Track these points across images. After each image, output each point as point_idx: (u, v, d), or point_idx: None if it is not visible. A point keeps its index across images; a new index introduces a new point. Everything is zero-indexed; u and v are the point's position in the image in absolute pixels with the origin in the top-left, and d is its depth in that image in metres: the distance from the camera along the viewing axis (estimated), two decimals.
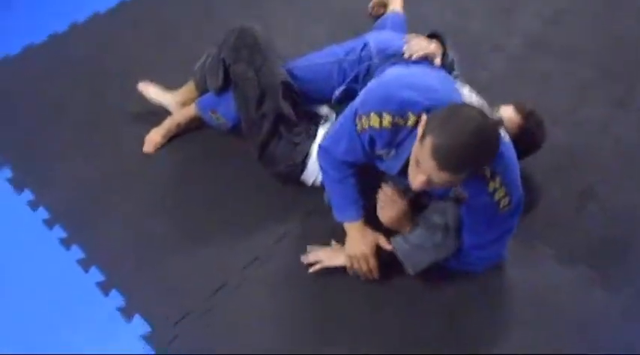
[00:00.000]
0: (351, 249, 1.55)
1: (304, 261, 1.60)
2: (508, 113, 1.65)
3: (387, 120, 1.37)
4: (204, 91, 1.96)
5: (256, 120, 1.75)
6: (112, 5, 2.71)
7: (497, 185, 1.33)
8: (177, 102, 2.02)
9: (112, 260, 1.68)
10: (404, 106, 1.35)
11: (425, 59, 1.66)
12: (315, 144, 1.73)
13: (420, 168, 1.26)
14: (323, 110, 1.86)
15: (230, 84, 1.81)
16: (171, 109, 2.03)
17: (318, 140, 1.74)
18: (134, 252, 1.70)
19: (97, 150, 2.01)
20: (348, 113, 1.50)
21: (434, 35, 1.77)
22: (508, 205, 1.36)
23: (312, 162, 1.74)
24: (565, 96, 2.13)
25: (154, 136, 1.98)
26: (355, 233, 1.56)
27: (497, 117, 1.39)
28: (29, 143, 2.05)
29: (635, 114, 2.05)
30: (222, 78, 1.80)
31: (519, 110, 1.66)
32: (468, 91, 1.51)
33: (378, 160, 1.50)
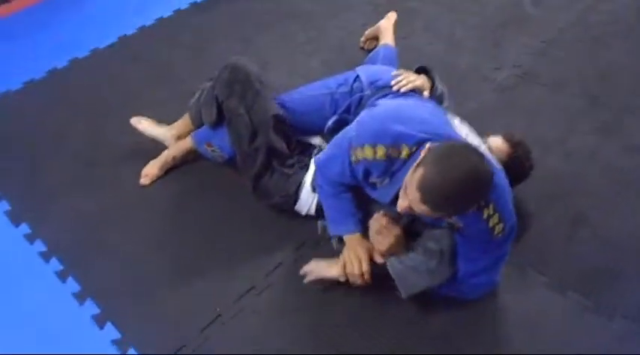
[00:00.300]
0: (347, 251, 1.57)
1: (301, 272, 1.61)
2: (497, 142, 1.69)
3: (380, 152, 1.40)
4: (199, 125, 2.00)
5: (250, 154, 1.78)
6: (111, 41, 2.78)
7: (491, 212, 1.36)
8: (172, 135, 2.05)
9: (107, 293, 1.69)
10: (397, 140, 1.39)
11: (413, 92, 1.71)
12: (309, 175, 1.77)
13: (406, 194, 1.28)
14: (315, 140, 1.90)
15: (224, 119, 1.85)
16: (167, 143, 2.06)
17: (311, 171, 1.77)
18: (129, 284, 1.71)
19: (94, 184, 2.03)
20: (342, 142, 1.53)
21: (422, 69, 1.83)
22: (502, 231, 1.38)
23: (305, 193, 1.76)
24: (554, 126, 2.18)
25: (150, 169, 2.01)
26: (353, 241, 1.58)
27: (488, 159, 1.39)
28: (27, 176, 2.08)
29: (623, 140, 2.09)
30: (215, 113, 1.85)
31: (508, 140, 1.70)
32: (458, 122, 1.55)
33: (370, 188, 1.53)
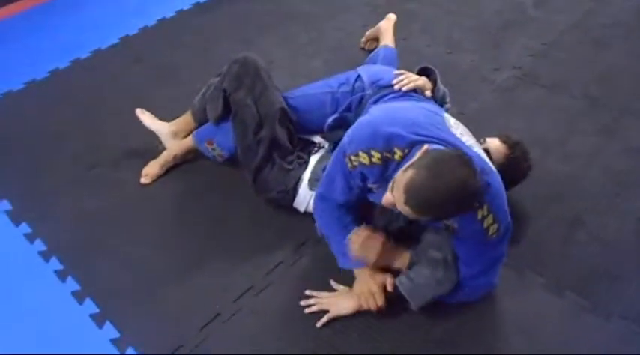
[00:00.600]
0: (360, 287, 1.56)
1: (307, 310, 1.58)
2: (495, 144, 1.69)
3: (376, 157, 1.41)
4: (201, 122, 2.02)
5: (252, 146, 1.80)
6: (113, 42, 2.80)
7: (485, 212, 1.36)
8: (170, 132, 2.05)
9: (107, 292, 1.69)
10: (390, 142, 1.39)
11: (414, 91, 1.72)
12: (307, 171, 1.78)
13: (392, 192, 1.29)
14: (316, 139, 1.91)
15: (229, 114, 1.86)
16: (163, 138, 2.06)
17: (310, 168, 1.78)
18: (128, 284, 1.71)
19: (95, 184, 2.04)
20: (337, 156, 1.53)
21: (424, 70, 1.84)
22: (497, 232, 1.39)
23: (303, 189, 1.77)
24: (554, 127, 2.18)
25: (151, 169, 2.02)
26: (365, 275, 1.57)
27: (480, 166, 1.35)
28: (28, 176, 2.09)
29: (623, 142, 2.09)
30: (221, 107, 1.86)
31: (505, 141, 1.70)
32: (454, 123, 1.55)
33: (370, 193, 1.54)
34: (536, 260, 1.69)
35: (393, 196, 1.30)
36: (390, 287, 1.53)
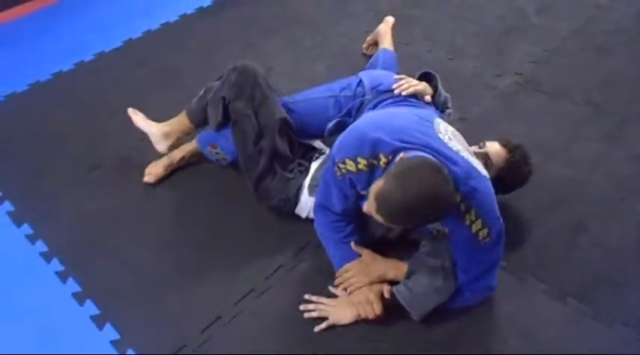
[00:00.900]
0: (358, 297, 1.57)
1: (306, 315, 1.58)
2: (495, 148, 1.69)
3: (362, 164, 1.42)
4: (199, 123, 1.96)
5: (253, 156, 1.79)
6: (117, 45, 2.81)
7: (473, 217, 1.36)
8: (163, 133, 1.97)
9: (107, 294, 1.69)
10: (375, 148, 1.40)
11: (414, 97, 1.72)
12: (308, 178, 1.77)
13: (368, 199, 1.31)
14: (316, 144, 1.91)
15: (229, 120, 1.85)
16: (154, 139, 1.99)
17: (310, 174, 1.78)
18: (129, 286, 1.71)
19: (96, 186, 2.05)
20: (329, 164, 1.56)
21: (425, 75, 1.84)
22: (488, 237, 1.39)
23: (304, 195, 1.77)
24: (557, 133, 2.18)
25: (154, 168, 2.02)
26: None
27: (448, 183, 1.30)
28: (30, 177, 2.10)
29: (626, 149, 2.09)
30: (221, 115, 1.84)
31: (505, 145, 1.69)
32: (443, 128, 1.52)
33: (362, 200, 1.54)
34: (539, 265, 1.68)
35: (369, 204, 1.32)
36: (388, 295, 1.54)
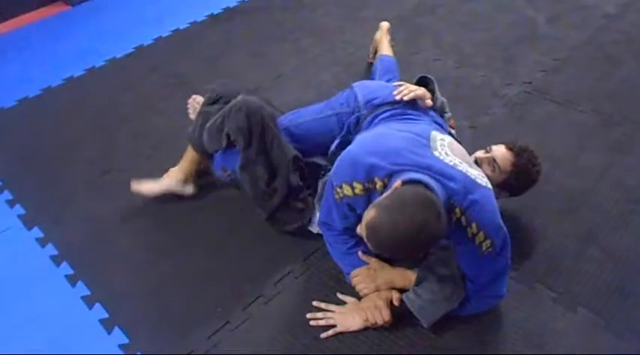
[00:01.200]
0: (366, 303, 1.57)
1: (313, 323, 1.58)
2: (501, 152, 1.69)
3: (358, 189, 1.43)
4: (204, 151, 1.92)
5: (266, 194, 1.79)
6: (128, 51, 2.84)
7: (474, 230, 1.36)
8: (180, 181, 1.95)
9: (116, 298, 1.70)
10: (370, 172, 1.41)
11: (415, 101, 1.72)
12: (317, 197, 1.76)
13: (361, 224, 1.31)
14: (322, 161, 1.87)
15: (232, 145, 1.80)
16: (179, 190, 1.96)
17: (318, 192, 1.76)
18: (138, 290, 1.72)
19: (107, 190, 2.06)
20: (327, 186, 1.57)
21: (422, 80, 1.85)
22: (491, 247, 1.38)
23: (316, 216, 1.76)
24: (566, 142, 2.17)
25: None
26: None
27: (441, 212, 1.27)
28: (41, 181, 2.11)
29: (634, 158, 2.08)
30: (225, 143, 1.80)
31: (511, 148, 1.69)
32: (440, 142, 1.50)
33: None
34: (549, 274, 1.68)
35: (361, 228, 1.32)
36: (397, 302, 1.54)
